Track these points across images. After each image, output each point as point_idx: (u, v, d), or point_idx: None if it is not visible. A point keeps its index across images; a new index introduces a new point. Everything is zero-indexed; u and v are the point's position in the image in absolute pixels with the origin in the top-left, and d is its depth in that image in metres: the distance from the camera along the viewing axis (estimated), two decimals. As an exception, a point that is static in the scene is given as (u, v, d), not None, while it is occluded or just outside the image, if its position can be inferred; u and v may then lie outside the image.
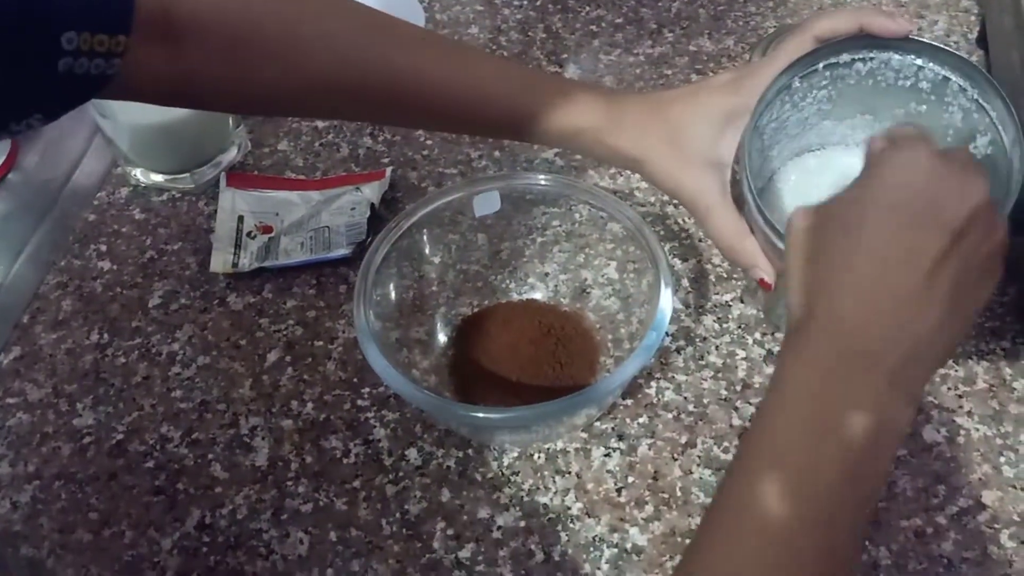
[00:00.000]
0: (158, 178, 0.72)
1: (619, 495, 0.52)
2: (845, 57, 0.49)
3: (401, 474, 0.54)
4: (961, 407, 0.55)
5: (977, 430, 0.54)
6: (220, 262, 0.66)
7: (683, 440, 0.55)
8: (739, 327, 0.60)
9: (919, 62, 0.49)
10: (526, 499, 0.53)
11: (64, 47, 0.36)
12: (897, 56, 0.49)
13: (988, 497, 0.51)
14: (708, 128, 0.49)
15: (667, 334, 0.59)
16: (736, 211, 0.50)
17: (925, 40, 0.48)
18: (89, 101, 0.41)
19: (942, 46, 0.48)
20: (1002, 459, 0.52)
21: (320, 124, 0.77)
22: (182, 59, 0.45)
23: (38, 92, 0.37)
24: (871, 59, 0.49)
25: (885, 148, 0.40)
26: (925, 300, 0.36)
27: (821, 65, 0.49)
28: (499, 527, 0.52)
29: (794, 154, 0.57)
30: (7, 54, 0.34)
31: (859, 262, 0.37)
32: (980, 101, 0.48)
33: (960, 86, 0.48)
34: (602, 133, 0.51)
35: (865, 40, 0.49)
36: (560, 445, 0.55)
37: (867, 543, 0.49)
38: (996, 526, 0.50)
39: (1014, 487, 0.51)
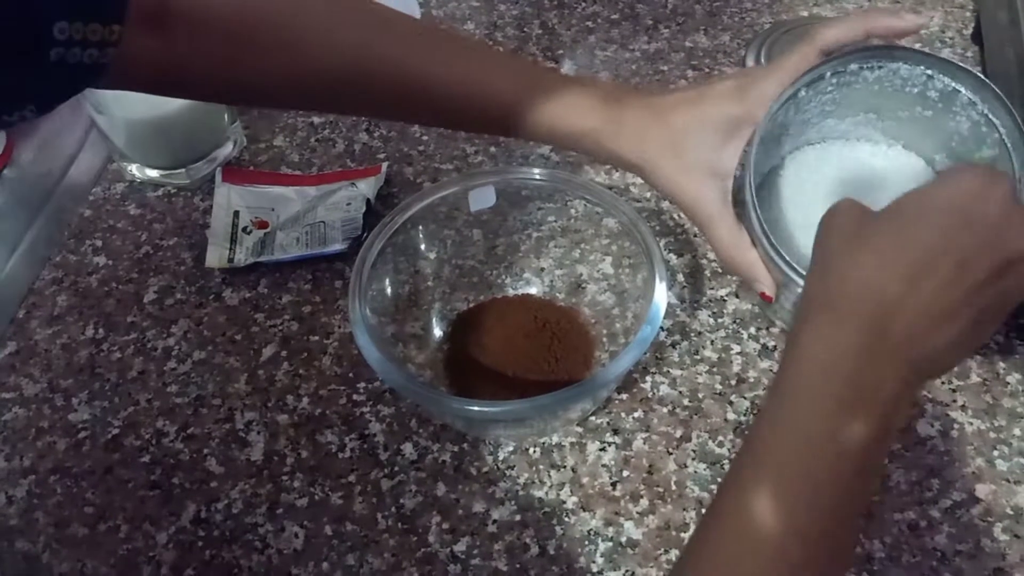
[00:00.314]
0: (153, 174, 0.72)
1: (614, 489, 0.52)
2: (853, 67, 0.49)
3: (396, 468, 0.54)
4: (955, 401, 0.55)
5: (971, 424, 0.54)
6: (216, 257, 0.66)
7: (678, 434, 0.55)
8: (734, 322, 0.60)
9: (929, 72, 0.48)
10: (521, 493, 0.53)
11: (56, 37, 0.35)
12: (906, 66, 0.49)
13: (981, 490, 0.51)
14: (710, 136, 0.48)
15: (662, 329, 0.60)
16: (737, 222, 0.49)
17: (936, 55, 0.48)
18: (84, 91, 0.40)
19: (954, 61, 0.48)
20: (995, 453, 0.53)
21: (316, 120, 0.77)
22: (177, 49, 0.45)
23: (30, 82, 0.37)
24: (879, 67, 0.49)
25: (965, 167, 0.39)
26: (958, 314, 0.36)
27: (828, 73, 0.49)
28: (494, 521, 0.52)
29: (794, 148, 0.57)
30: None
31: (909, 255, 0.36)
32: (989, 116, 0.48)
33: (970, 99, 0.48)
34: (602, 136, 0.50)
35: (873, 51, 0.48)
36: (555, 439, 0.55)
37: (861, 536, 0.49)
38: (989, 519, 0.50)
39: (1007, 480, 0.51)
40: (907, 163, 0.55)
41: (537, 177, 0.59)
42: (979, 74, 0.48)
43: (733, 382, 0.57)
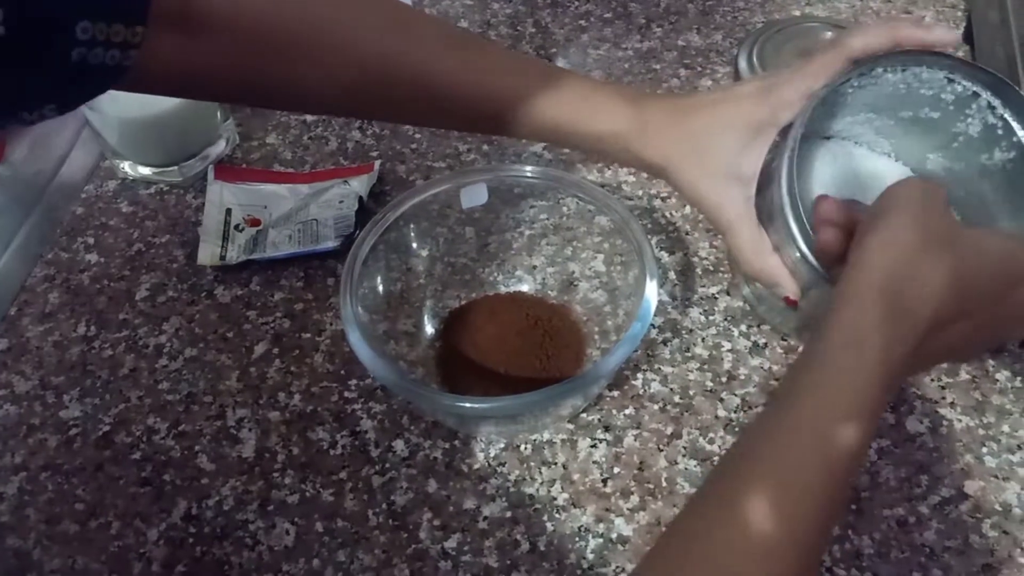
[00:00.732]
0: (146, 171, 0.72)
1: (605, 485, 0.53)
2: (877, 70, 0.48)
3: (388, 465, 0.54)
4: (944, 398, 0.55)
5: (960, 421, 0.54)
6: (208, 255, 0.66)
7: (669, 431, 0.55)
8: (725, 319, 0.60)
9: (951, 76, 0.48)
10: (512, 490, 0.53)
11: (79, 37, 0.35)
12: (928, 70, 0.48)
13: (970, 487, 0.51)
14: (732, 140, 0.47)
15: (654, 326, 0.60)
16: (758, 226, 0.48)
17: (962, 59, 0.47)
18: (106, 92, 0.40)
19: (981, 66, 0.47)
20: (984, 449, 0.53)
21: (309, 118, 0.77)
22: (199, 53, 0.44)
23: (51, 82, 0.36)
24: (903, 70, 0.49)
25: None
26: (964, 353, 0.42)
27: (854, 76, 0.48)
28: (485, 517, 0.52)
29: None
30: (20, 42, 0.33)
31: (976, 295, 0.38)
32: (1008, 120, 0.48)
33: (989, 103, 0.48)
34: (626, 140, 0.49)
35: (901, 58, 0.47)
36: (546, 436, 0.55)
37: (850, 532, 0.50)
38: (978, 515, 0.50)
39: (996, 477, 0.52)
40: (889, 169, 0.54)
41: (529, 175, 0.59)
42: (1005, 79, 0.47)
43: (724, 379, 0.57)
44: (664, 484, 0.52)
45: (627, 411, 0.56)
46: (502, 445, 0.55)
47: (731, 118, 0.48)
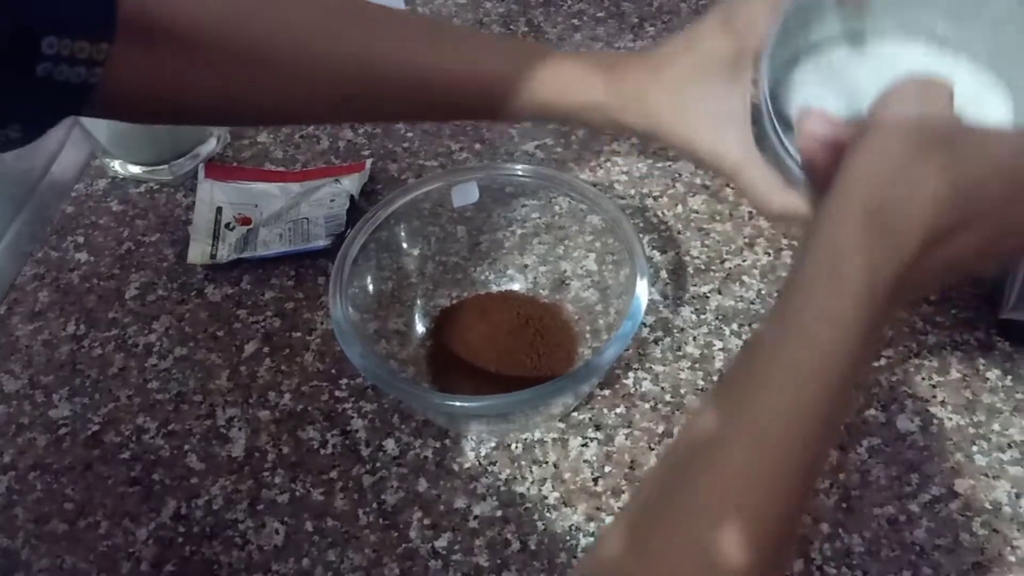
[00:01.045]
0: (136, 170, 0.72)
1: (596, 484, 0.53)
2: None
3: (378, 464, 0.54)
4: (935, 396, 0.55)
5: (950, 419, 0.54)
6: (198, 253, 0.66)
7: (660, 430, 0.55)
8: (717, 318, 0.60)
9: None
10: (503, 489, 0.53)
11: (44, 51, 0.35)
12: None
13: (961, 485, 0.51)
14: (709, 82, 0.45)
15: (645, 325, 0.60)
16: (766, 164, 0.45)
17: None
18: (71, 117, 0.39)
19: None
20: (975, 448, 0.53)
21: (300, 116, 0.77)
22: (165, 67, 0.43)
23: (16, 99, 0.36)
24: None
25: None
26: (961, 268, 0.36)
27: None
28: (476, 516, 0.52)
29: (785, 64, 0.50)
30: None
31: (977, 204, 0.34)
32: None
33: None
34: (607, 109, 0.48)
35: None
36: (537, 435, 0.55)
37: (840, 530, 0.50)
38: (968, 514, 0.50)
39: (986, 475, 0.52)
40: (901, 51, 0.50)
41: (521, 174, 0.59)
42: None
43: (715, 378, 0.57)
44: (655, 483, 0.52)
45: (618, 410, 0.56)
46: (493, 444, 0.55)
47: (701, 62, 0.46)
